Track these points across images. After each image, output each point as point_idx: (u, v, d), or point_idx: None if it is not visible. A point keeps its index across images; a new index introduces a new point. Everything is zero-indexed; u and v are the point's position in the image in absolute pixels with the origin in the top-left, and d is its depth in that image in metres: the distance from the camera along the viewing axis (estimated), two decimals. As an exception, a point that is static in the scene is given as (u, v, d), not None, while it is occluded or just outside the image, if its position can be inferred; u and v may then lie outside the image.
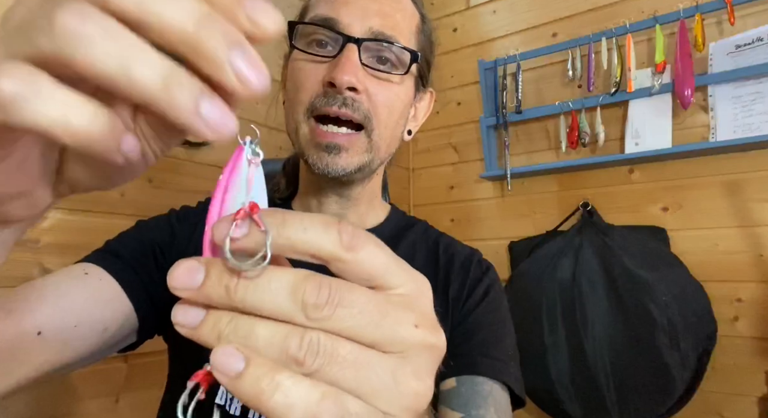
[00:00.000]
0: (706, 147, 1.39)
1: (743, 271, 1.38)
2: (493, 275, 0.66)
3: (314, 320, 0.19)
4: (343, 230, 0.20)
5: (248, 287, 0.19)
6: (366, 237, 0.20)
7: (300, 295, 0.19)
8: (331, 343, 0.19)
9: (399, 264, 0.21)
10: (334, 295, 0.19)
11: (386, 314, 0.20)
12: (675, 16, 1.45)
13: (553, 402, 1.46)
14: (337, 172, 0.55)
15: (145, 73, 0.17)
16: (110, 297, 0.53)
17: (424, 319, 0.21)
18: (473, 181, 1.86)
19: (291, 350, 0.19)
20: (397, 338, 0.20)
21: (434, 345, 0.21)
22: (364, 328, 0.19)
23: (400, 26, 0.59)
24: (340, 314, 0.19)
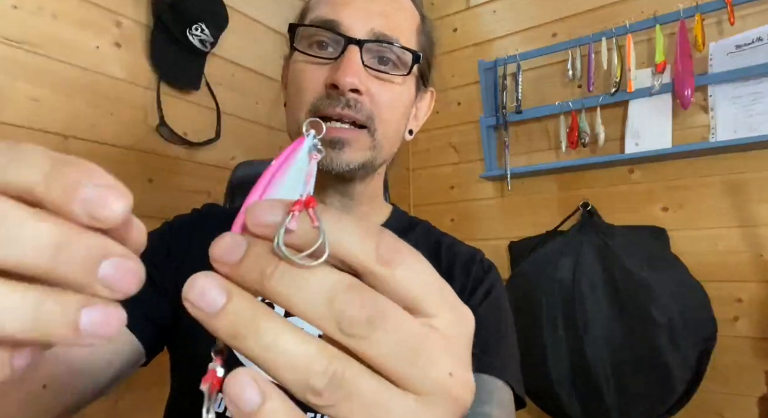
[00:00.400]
0: (706, 147, 1.39)
1: (743, 271, 1.38)
2: (495, 274, 0.66)
3: (347, 336, 0.17)
4: (382, 241, 0.18)
5: (285, 277, 0.18)
6: (408, 252, 0.19)
7: (340, 303, 0.17)
8: (354, 377, 0.17)
9: (442, 288, 0.19)
10: (378, 314, 0.17)
11: (423, 351, 0.18)
12: (675, 16, 1.45)
13: (553, 402, 1.46)
14: (341, 168, 0.55)
15: (12, 316, 0.16)
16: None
17: (459, 366, 0.19)
18: (473, 181, 1.86)
19: (312, 377, 0.17)
20: (427, 381, 0.18)
21: (461, 399, 0.19)
22: (397, 361, 0.17)
23: (401, 27, 0.59)
24: (377, 339, 0.17)
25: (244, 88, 1.48)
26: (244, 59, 1.47)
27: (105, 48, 1.14)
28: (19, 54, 0.99)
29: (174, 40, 1.24)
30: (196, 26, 1.26)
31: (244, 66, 1.48)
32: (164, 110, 1.21)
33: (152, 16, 1.22)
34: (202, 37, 1.27)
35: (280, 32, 1.56)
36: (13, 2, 0.99)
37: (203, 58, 1.32)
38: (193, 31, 1.25)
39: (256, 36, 1.51)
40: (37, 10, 1.02)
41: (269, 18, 1.55)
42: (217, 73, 1.38)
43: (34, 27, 1.01)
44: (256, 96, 1.51)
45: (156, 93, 1.21)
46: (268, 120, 1.54)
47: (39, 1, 1.02)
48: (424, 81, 0.66)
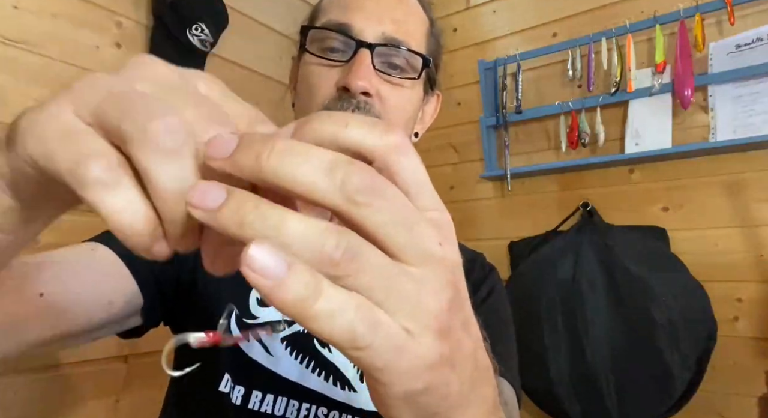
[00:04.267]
0: (706, 147, 1.39)
1: (743, 271, 1.38)
2: (496, 276, 0.67)
3: (353, 204, 0.18)
4: (390, 131, 0.20)
5: (283, 156, 0.18)
6: (413, 149, 0.20)
7: (340, 174, 0.18)
8: (364, 249, 0.18)
9: (433, 190, 0.21)
10: (377, 183, 0.18)
11: (417, 223, 0.19)
12: (675, 16, 1.45)
13: (553, 402, 1.46)
14: None
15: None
16: (114, 274, 0.53)
17: (448, 240, 0.21)
18: (473, 181, 1.86)
19: (327, 248, 0.17)
20: (421, 247, 0.19)
21: (453, 267, 0.20)
22: (397, 229, 0.18)
23: (412, 31, 0.60)
24: (380, 206, 0.18)
25: (244, 88, 1.48)
26: (244, 59, 1.47)
27: (105, 48, 1.14)
28: (19, 54, 0.99)
29: (174, 40, 1.24)
30: (196, 26, 1.26)
31: (244, 66, 1.48)
32: (164, 110, 1.21)
33: (152, 16, 1.22)
34: (202, 37, 1.27)
35: (280, 32, 1.56)
36: (13, 2, 0.99)
37: (203, 58, 1.32)
38: (193, 31, 1.25)
39: (256, 36, 1.51)
40: (37, 10, 1.02)
41: (269, 18, 1.55)
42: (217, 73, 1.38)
43: (34, 27, 1.01)
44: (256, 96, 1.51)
45: (156, 93, 1.21)
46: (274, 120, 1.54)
47: (39, 1, 1.02)
48: (431, 84, 0.67)
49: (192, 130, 0.19)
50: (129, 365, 1.12)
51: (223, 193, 0.18)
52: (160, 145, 0.18)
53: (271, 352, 0.57)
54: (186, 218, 0.19)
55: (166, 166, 0.18)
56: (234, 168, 0.18)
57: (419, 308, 0.19)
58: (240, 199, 0.18)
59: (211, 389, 0.55)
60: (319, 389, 0.56)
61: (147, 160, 0.18)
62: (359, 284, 0.18)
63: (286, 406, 0.54)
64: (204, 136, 0.19)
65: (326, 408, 0.55)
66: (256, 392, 0.54)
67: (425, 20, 0.64)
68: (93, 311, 0.51)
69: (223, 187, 0.18)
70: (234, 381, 0.56)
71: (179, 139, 0.18)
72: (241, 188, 0.18)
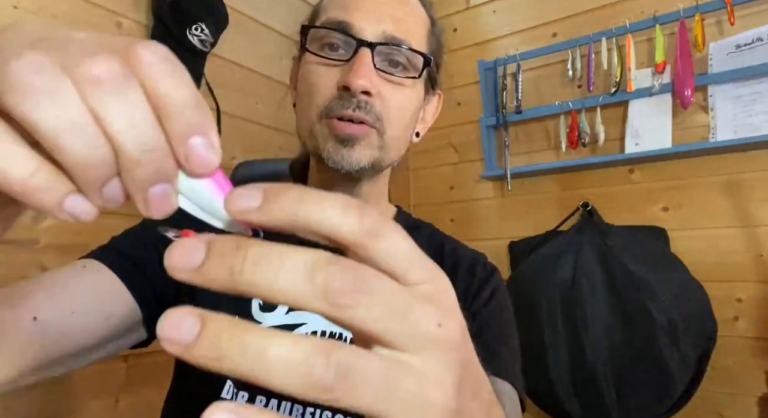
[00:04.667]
0: (706, 147, 1.39)
1: (743, 271, 1.38)
2: (498, 277, 0.67)
3: (337, 308, 0.17)
4: (365, 214, 0.18)
5: (257, 265, 0.17)
6: (391, 225, 0.19)
7: (321, 277, 0.17)
8: (359, 361, 0.17)
9: (423, 258, 0.19)
10: (360, 280, 0.17)
11: (410, 308, 0.18)
12: (675, 16, 1.45)
13: (553, 402, 1.46)
14: (351, 166, 0.56)
15: (74, 148, 0.18)
16: (109, 289, 0.53)
17: (447, 317, 0.19)
18: (473, 181, 1.86)
19: (317, 373, 0.16)
20: (418, 335, 0.18)
21: (455, 347, 0.19)
22: (389, 323, 0.17)
23: (412, 30, 0.60)
24: (366, 304, 0.17)
25: (244, 88, 1.48)
26: (244, 59, 1.47)
27: (105, 48, 1.13)
28: (19, 54, 0.99)
29: (174, 40, 1.24)
30: (196, 26, 1.26)
31: (244, 66, 1.48)
32: (164, 110, 1.21)
33: (152, 16, 1.22)
34: (202, 37, 1.27)
35: (280, 32, 1.56)
36: (14, 2, 0.99)
37: (203, 58, 1.32)
38: (193, 31, 1.25)
39: (256, 36, 1.51)
40: (37, 10, 1.02)
41: (269, 18, 1.55)
42: (217, 73, 1.38)
43: (34, 27, 1.01)
44: (256, 96, 1.51)
45: (156, 93, 1.21)
46: (268, 120, 1.54)
47: (39, 1, 1.02)
48: (432, 84, 0.66)
49: (67, 63, 0.18)
50: (129, 365, 1.12)
51: (197, 323, 0.17)
52: (27, 88, 0.17)
53: None
54: (91, 160, 0.18)
55: (43, 108, 0.17)
56: (204, 281, 0.17)
57: (426, 407, 0.18)
58: (215, 329, 0.17)
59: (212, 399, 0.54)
60: None
61: (19, 110, 0.17)
62: (358, 402, 0.17)
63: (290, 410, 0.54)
64: (82, 67, 0.18)
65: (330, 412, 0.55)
66: (260, 397, 0.54)
67: (426, 19, 0.64)
68: (91, 328, 0.50)
69: (196, 314, 0.17)
70: (236, 387, 0.55)
71: (47, 77, 0.18)
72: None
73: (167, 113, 0.19)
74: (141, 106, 0.19)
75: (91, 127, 0.18)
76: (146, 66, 0.19)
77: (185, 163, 0.20)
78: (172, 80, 0.19)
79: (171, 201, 0.21)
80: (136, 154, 0.19)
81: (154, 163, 0.19)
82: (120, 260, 0.55)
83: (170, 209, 0.21)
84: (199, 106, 0.20)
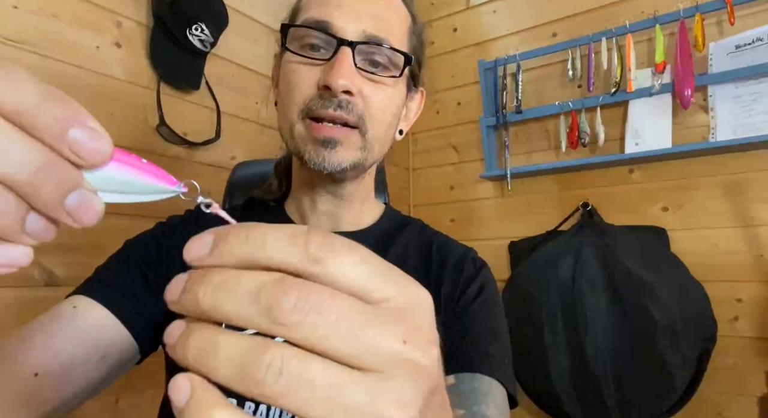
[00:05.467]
0: (706, 147, 1.39)
1: (743, 271, 1.38)
2: (486, 273, 0.66)
3: (281, 326, 0.17)
4: (311, 240, 0.18)
5: (215, 293, 0.18)
6: (341, 246, 0.18)
7: (265, 297, 0.17)
8: (298, 361, 0.17)
9: (387, 274, 0.19)
10: (307, 300, 0.17)
11: (369, 325, 0.17)
12: (675, 16, 1.45)
13: (553, 402, 1.46)
14: (333, 168, 0.56)
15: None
16: (102, 325, 0.53)
17: (415, 335, 0.18)
18: (473, 181, 1.86)
19: (250, 368, 0.17)
20: (378, 352, 0.17)
21: (422, 366, 0.18)
22: (340, 339, 0.17)
23: (393, 28, 0.59)
24: (312, 322, 0.17)
25: (244, 88, 1.48)
26: (244, 59, 1.47)
27: (105, 48, 1.14)
28: (19, 54, 0.99)
29: (174, 40, 1.24)
30: (196, 26, 1.25)
31: (244, 66, 1.48)
32: (164, 110, 1.21)
33: (152, 16, 1.22)
34: (202, 37, 1.27)
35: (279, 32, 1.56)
36: (13, 2, 0.98)
37: (203, 58, 1.32)
38: (193, 31, 1.25)
39: (256, 36, 1.51)
40: (37, 10, 1.02)
41: (269, 18, 1.55)
42: (217, 73, 1.38)
43: (34, 27, 1.01)
44: (256, 96, 1.51)
45: (156, 93, 1.21)
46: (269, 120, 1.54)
47: (39, 1, 1.02)
48: (414, 81, 0.66)
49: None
50: (129, 365, 1.12)
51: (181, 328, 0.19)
52: None
53: None
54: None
55: None
56: (183, 309, 0.19)
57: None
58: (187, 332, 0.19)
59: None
60: None
61: None
62: (294, 405, 0.17)
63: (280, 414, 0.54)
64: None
65: None
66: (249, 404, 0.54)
67: (407, 16, 0.63)
68: (89, 372, 0.51)
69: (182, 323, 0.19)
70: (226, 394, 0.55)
71: None
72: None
73: (28, 122, 0.18)
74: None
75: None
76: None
77: (78, 161, 0.19)
78: (12, 86, 0.18)
79: (93, 204, 0.20)
80: (26, 179, 0.18)
81: (49, 178, 0.18)
82: (109, 293, 0.55)
83: (98, 211, 0.20)
84: (55, 99, 0.19)
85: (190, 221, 0.67)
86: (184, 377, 0.18)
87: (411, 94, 0.66)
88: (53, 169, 0.19)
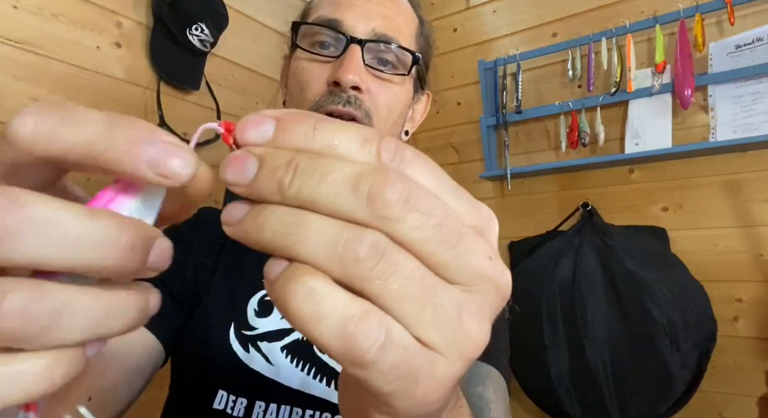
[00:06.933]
0: (706, 147, 1.39)
1: (743, 271, 1.38)
2: None
3: (381, 219, 0.16)
4: (384, 148, 0.17)
5: (303, 176, 0.16)
6: (413, 156, 0.17)
7: (366, 186, 0.16)
8: (397, 251, 0.16)
9: (457, 190, 0.18)
10: (411, 195, 0.16)
11: (463, 236, 0.17)
12: (675, 16, 1.45)
13: (553, 402, 1.46)
14: None
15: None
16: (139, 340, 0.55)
17: (495, 253, 0.18)
18: (473, 181, 1.86)
19: (352, 245, 0.15)
20: (468, 269, 0.17)
21: (500, 285, 0.18)
22: (437, 246, 0.16)
23: (402, 29, 0.61)
24: (414, 220, 0.16)
25: (244, 88, 1.48)
26: (244, 59, 1.47)
27: (105, 48, 1.13)
28: (19, 54, 0.99)
29: (174, 40, 1.24)
30: (196, 26, 1.26)
31: (244, 66, 1.48)
32: (164, 110, 1.21)
33: (152, 16, 1.22)
34: (202, 37, 1.27)
35: (280, 32, 1.56)
36: (13, 2, 0.98)
37: (203, 58, 1.32)
38: (193, 31, 1.25)
39: (256, 36, 1.51)
40: (37, 10, 1.02)
41: (269, 18, 1.55)
42: (217, 73, 1.38)
43: (34, 27, 1.01)
44: (256, 96, 1.51)
45: (156, 93, 1.21)
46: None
47: (39, 1, 1.02)
48: (421, 83, 0.67)
49: None
50: (129, 365, 1.12)
51: (246, 207, 0.17)
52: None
53: (272, 361, 0.57)
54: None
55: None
56: (257, 196, 0.17)
57: (459, 331, 0.16)
58: (259, 207, 0.17)
59: (203, 408, 0.55)
60: (322, 395, 0.56)
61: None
62: (386, 294, 0.16)
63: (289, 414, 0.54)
64: None
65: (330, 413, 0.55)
66: (259, 403, 0.54)
67: (415, 19, 0.64)
68: (133, 386, 0.52)
69: (246, 203, 0.18)
70: (235, 394, 0.56)
71: None
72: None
73: (100, 161, 0.16)
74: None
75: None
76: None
77: (164, 182, 0.17)
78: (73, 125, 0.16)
79: (168, 247, 0.17)
80: (113, 264, 0.16)
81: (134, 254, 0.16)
82: None
83: (171, 252, 0.18)
84: (121, 122, 0.16)
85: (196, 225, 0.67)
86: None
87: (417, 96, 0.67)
88: (133, 237, 0.16)
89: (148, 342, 0.55)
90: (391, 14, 0.60)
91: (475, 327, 0.17)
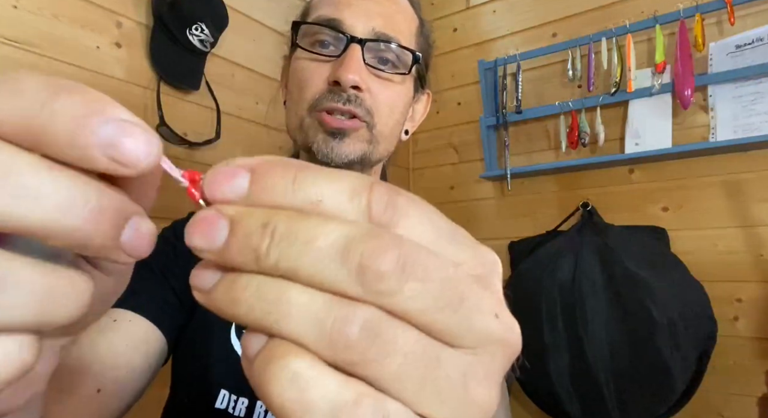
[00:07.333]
0: (706, 147, 1.39)
1: (743, 271, 1.38)
2: None
3: (375, 294, 0.14)
4: (374, 199, 0.15)
5: (284, 243, 0.14)
6: (407, 204, 0.15)
7: (356, 255, 0.14)
8: (392, 327, 0.14)
9: (455, 236, 0.16)
10: (407, 260, 0.14)
11: (466, 296, 0.15)
12: (675, 16, 1.45)
13: (553, 402, 1.46)
14: (341, 159, 0.57)
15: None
16: (144, 334, 0.55)
17: (502, 307, 0.16)
18: (473, 181, 1.86)
19: (340, 325, 0.14)
20: (474, 330, 0.15)
21: (509, 344, 0.16)
22: (438, 314, 0.14)
23: (401, 28, 0.61)
24: (412, 289, 0.14)
25: (244, 88, 1.48)
26: (244, 59, 1.47)
27: (105, 48, 1.13)
28: (19, 54, 0.99)
29: (174, 40, 1.24)
30: (196, 26, 1.25)
31: (244, 66, 1.48)
32: (164, 110, 1.21)
33: (152, 16, 1.22)
34: (202, 37, 1.27)
35: (280, 32, 1.56)
36: (13, 2, 0.98)
37: (203, 58, 1.32)
38: (193, 31, 1.25)
39: (256, 36, 1.51)
40: (37, 10, 1.02)
41: (269, 18, 1.55)
42: (217, 73, 1.38)
43: (34, 27, 1.01)
44: (256, 96, 1.51)
45: (156, 93, 1.21)
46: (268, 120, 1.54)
47: (39, 1, 1.02)
48: (421, 83, 0.67)
49: None
50: (129, 365, 1.12)
51: (218, 273, 0.15)
52: None
53: None
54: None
55: None
56: (229, 264, 0.15)
57: (465, 400, 0.15)
58: (233, 276, 0.15)
59: (205, 409, 0.55)
60: None
61: None
62: (383, 373, 0.14)
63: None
64: None
65: None
66: (260, 403, 0.55)
67: (415, 18, 0.65)
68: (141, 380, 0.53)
69: (217, 269, 0.16)
70: (237, 394, 0.56)
71: None
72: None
73: (36, 134, 0.13)
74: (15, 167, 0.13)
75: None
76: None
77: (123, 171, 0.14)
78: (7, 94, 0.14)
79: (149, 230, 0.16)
80: (70, 226, 0.14)
81: (102, 221, 0.14)
82: (144, 302, 0.57)
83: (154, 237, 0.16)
84: (66, 91, 0.14)
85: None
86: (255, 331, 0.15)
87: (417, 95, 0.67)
88: (102, 202, 0.14)
89: (155, 335, 0.55)
90: (391, 13, 0.60)
91: (482, 394, 0.15)
